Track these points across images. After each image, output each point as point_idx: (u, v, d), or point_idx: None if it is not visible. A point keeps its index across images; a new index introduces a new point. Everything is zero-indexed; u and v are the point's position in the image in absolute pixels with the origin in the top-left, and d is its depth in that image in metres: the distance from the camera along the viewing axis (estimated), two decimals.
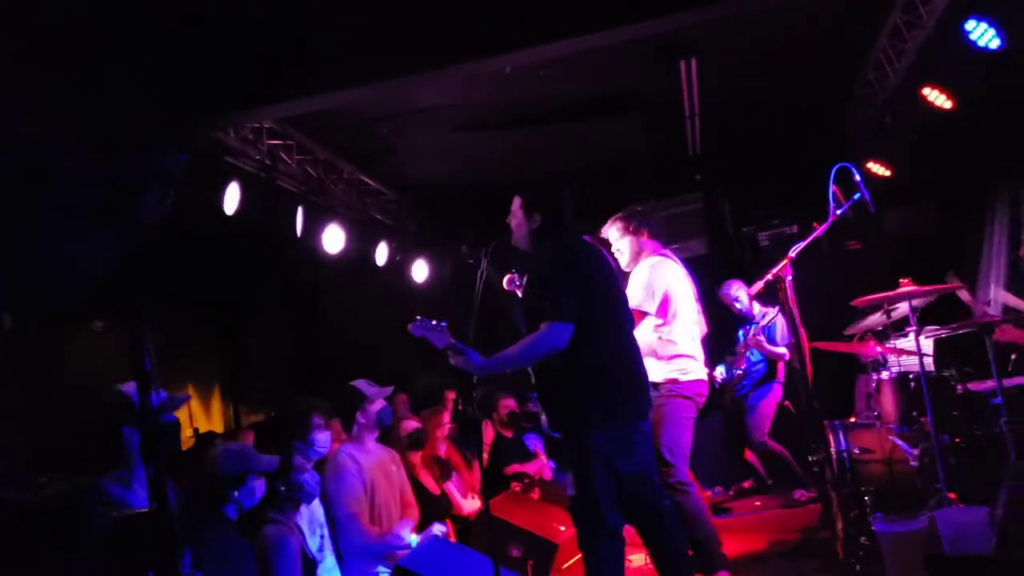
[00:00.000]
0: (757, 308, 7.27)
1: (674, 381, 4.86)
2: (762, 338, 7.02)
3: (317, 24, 5.16)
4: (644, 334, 4.93)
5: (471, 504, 5.91)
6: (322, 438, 4.57)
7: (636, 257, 5.14)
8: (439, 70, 5.20)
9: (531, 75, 6.15)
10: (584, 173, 8.64)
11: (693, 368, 4.95)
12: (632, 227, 5.16)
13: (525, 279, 4.54)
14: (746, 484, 7.64)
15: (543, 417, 4.06)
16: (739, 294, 7.30)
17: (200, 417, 9.96)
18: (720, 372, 7.18)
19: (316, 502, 4.46)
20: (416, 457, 5.70)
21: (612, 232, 5.20)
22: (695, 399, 4.93)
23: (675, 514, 4.13)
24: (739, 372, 7.10)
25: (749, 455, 7.54)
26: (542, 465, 6.89)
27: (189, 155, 2.00)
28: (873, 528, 4.26)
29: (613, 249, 5.17)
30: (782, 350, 7.00)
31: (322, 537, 4.52)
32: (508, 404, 7.00)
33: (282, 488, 3.87)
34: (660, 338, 4.92)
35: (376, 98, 6.35)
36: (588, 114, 7.51)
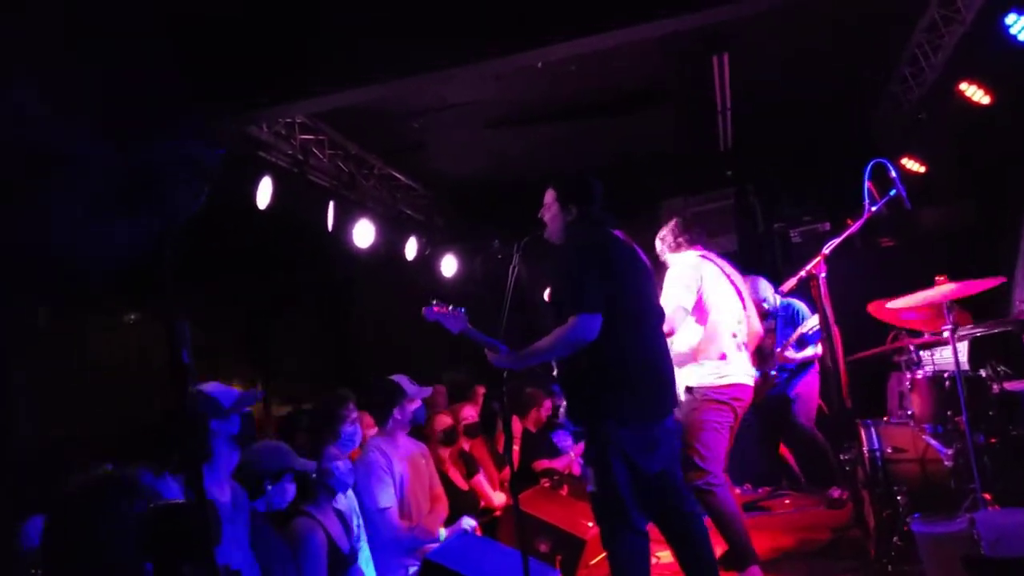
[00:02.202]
0: (779, 301, 7.17)
1: (710, 386, 4.81)
2: (791, 352, 6.91)
3: (350, 19, 5.18)
4: (683, 334, 4.91)
5: (499, 497, 5.91)
6: (350, 431, 4.60)
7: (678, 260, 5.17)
8: (473, 65, 5.20)
9: (562, 70, 6.14)
10: (615, 168, 8.62)
11: (730, 371, 4.88)
12: (672, 240, 5.19)
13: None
14: (783, 485, 7.56)
15: (562, 407, 4.05)
16: (767, 293, 7.19)
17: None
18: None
19: (351, 493, 4.49)
20: (446, 452, 5.71)
21: (658, 245, 5.23)
22: (732, 404, 4.85)
23: (699, 513, 4.09)
24: (773, 373, 7.01)
25: (784, 451, 7.47)
26: (571, 461, 6.88)
27: (225, 150, 2.02)
28: (912, 529, 4.20)
29: (664, 259, 5.21)
30: (811, 351, 6.91)
31: (358, 527, 4.54)
32: (548, 406, 6.98)
33: (312, 475, 3.89)
34: (696, 338, 4.89)
35: (407, 93, 6.38)
36: (619, 109, 7.49)
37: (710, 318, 4.92)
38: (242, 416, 3.53)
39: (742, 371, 4.95)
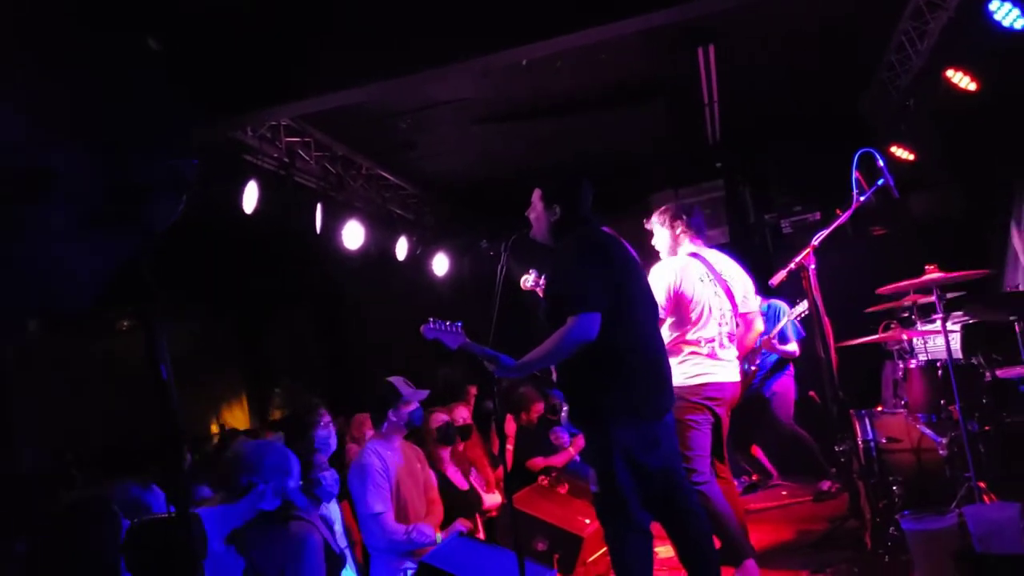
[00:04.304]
0: (759, 300, 7.12)
1: (682, 386, 4.71)
2: (775, 342, 6.87)
3: (331, 20, 5.16)
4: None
5: (492, 498, 5.90)
6: (323, 435, 4.57)
7: (670, 252, 5.12)
8: (458, 63, 5.17)
9: (548, 67, 6.11)
10: (604, 163, 8.61)
11: (703, 371, 4.83)
12: (667, 220, 5.13)
13: (543, 277, 4.50)
14: (755, 477, 7.56)
15: (564, 411, 4.03)
16: None
17: (225, 415, 10.06)
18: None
19: (333, 504, 4.47)
20: (445, 452, 5.69)
21: (654, 223, 5.19)
22: (706, 403, 4.79)
23: (702, 510, 4.08)
24: (753, 368, 6.98)
25: (756, 450, 7.47)
26: (571, 457, 6.84)
27: (203, 157, 2.00)
28: (901, 525, 4.20)
29: (652, 241, 5.17)
30: (793, 347, 6.88)
31: (342, 535, 4.53)
32: (539, 408, 6.95)
33: (300, 486, 3.88)
34: (673, 341, 4.86)
35: (394, 93, 6.34)
36: (606, 104, 7.47)
37: (692, 318, 4.88)
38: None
39: (722, 369, 4.90)
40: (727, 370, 4.92)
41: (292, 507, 3.89)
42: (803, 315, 6.61)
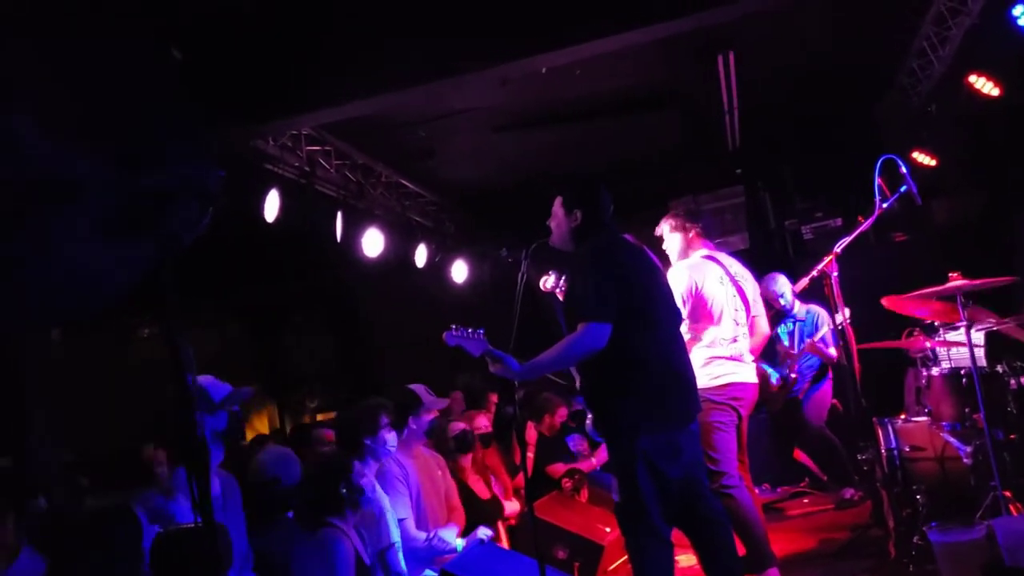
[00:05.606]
0: (799, 306, 7.05)
1: (705, 388, 4.66)
2: (821, 344, 6.80)
3: (353, 30, 5.19)
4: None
5: (510, 506, 5.88)
6: (390, 437, 4.55)
7: (681, 255, 5.10)
8: (477, 72, 5.20)
9: (567, 74, 6.11)
10: (624, 170, 8.60)
11: (727, 371, 4.81)
12: (680, 224, 5.12)
13: (564, 279, 4.49)
14: (803, 485, 7.50)
15: (588, 418, 4.01)
16: (784, 290, 7.03)
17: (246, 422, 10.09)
18: (773, 375, 6.92)
19: (383, 495, 4.47)
20: (466, 460, 5.68)
21: (664, 228, 5.16)
22: (731, 403, 4.78)
23: (725, 519, 4.05)
24: (793, 376, 6.90)
25: (799, 455, 7.40)
26: (592, 467, 6.80)
27: (225, 166, 2.01)
28: (929, 537, 4.15)
29: (664, 246, 5.14)
30: (833, 351, 6.83)
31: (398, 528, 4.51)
32: (563, 413, 6.92)
33: (344, 491, 3.84)
34: (693, 343, 4.84)
35: (413, 101, 6.37)
36: (626, 111, 7.46)
37: (711, 319, 4.86)
38: (230, 414, 3.50)
39: (743, 370, 4.89)
40: (748, 371, 4.92)
41: (324, 514, 3.87)
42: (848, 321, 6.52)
